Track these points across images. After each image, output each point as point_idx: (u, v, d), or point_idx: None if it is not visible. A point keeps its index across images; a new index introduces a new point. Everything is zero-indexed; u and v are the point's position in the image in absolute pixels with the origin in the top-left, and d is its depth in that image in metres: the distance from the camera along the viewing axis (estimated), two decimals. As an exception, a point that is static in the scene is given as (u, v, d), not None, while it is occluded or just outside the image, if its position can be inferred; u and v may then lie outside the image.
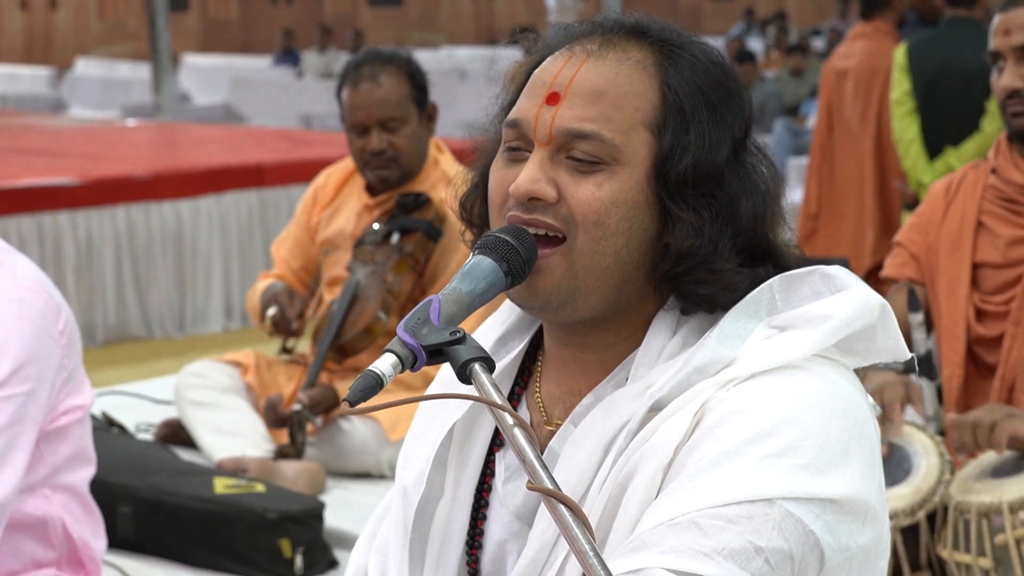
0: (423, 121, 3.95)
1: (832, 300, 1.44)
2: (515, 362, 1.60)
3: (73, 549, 2.49)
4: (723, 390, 1.40)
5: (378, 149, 3.88)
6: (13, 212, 6.70)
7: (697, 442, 1.38)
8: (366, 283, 3.88)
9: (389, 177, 3.93)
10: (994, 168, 3.08)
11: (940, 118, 5.79)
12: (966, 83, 5.64)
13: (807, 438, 1.36)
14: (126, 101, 14.00)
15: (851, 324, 1.43)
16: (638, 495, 1.39)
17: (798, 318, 1.44)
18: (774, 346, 1.42)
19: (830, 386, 1.41)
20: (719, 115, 1.48)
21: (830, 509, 1.36)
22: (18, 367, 2.32)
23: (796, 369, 1.41)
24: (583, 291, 1.46)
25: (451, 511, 1.58)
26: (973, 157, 5.49)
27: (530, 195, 1.45)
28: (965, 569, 2.75)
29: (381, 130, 3.88)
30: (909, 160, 5.85)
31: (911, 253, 3.15)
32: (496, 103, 1.59)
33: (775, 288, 1.46)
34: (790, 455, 1.35)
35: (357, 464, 3.84)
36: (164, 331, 7.14)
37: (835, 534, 1.36)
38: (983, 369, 3.04)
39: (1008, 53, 2.98)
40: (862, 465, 1.40)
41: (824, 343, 1.42)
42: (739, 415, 1.37)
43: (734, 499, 1.33)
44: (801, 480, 1.35)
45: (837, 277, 1.46)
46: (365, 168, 3.94)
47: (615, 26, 1.52)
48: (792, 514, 1.34)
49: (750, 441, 1.36)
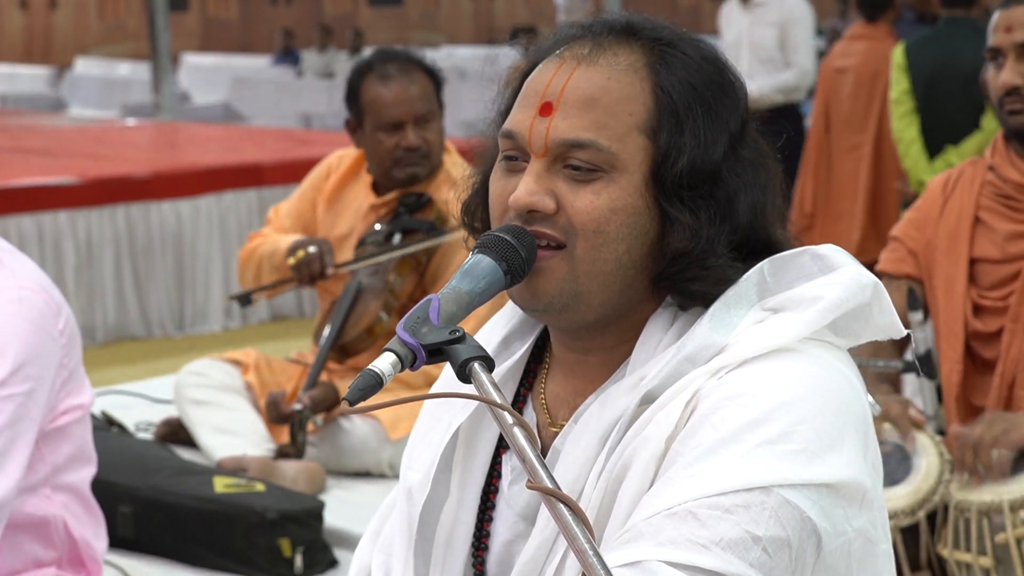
0: (442, 121, 3.97)
1: (823, 280, 1.44)
2: (519, 363, 1.60)
3: (74, 549, 2.49)
4: (715, 378, 1.40)
5: (415, 145, 3.86)
6: (13, 212, 6.70)
7: (692, 429, 1.38)
8: (367, 283, 3.88)
9: (420, 174, 3.90)
10: (991, 166, 3.07)
11: (940, 117, 5.79)
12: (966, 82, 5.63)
13: (802, 423, 1.36)
14: (126, 101, 14.00)
15: (843, 304, 1.43)
16: (633, 487, 1.39)
17: (789, 300, 1.43)
18: (765, 330, 1.42)
19: (823, 369, 1.41)
20: (714, 112, 1.48)
21: (826, 494, 1.36)
22: (18, 367, 2.32)
23: (789, 352, 1.40)
24: (585, 295, 1.46)
25: (457, 513, 1.58)
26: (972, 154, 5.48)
27: (529, 208, 1.45)
28: (965, 568, 2.75)
29: (416, 126, 3.87)
30: (910, 160, 5.85)
31: (908, 248, 3.15)
32: (493, 107, 1.59)
33: (766, 270, 1.46)
34: (785, 441, 1.35)
35: (357, 463, 3.83)
36: (164, 331, 7.14)
37: (831, 519, 1.36)
38: (981, 365, 3.04)
39: (1009, 50, 2.98)
40: (856, 447, 1.40)
41: (816, 325, 1.42)
42: (733, 401, 1.37)
43: (730, 488, 1.33)
44: (797, 466, 1.34)
45: (828, 257, 1.46)
46: (395, 166, 3.89)
47: (604, 28, 1.51)
48: (789, 501, 1.34)
49: (745, 428, 1.35)
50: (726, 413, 1.37)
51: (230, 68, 16.89)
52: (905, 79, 5.85)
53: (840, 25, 15.75)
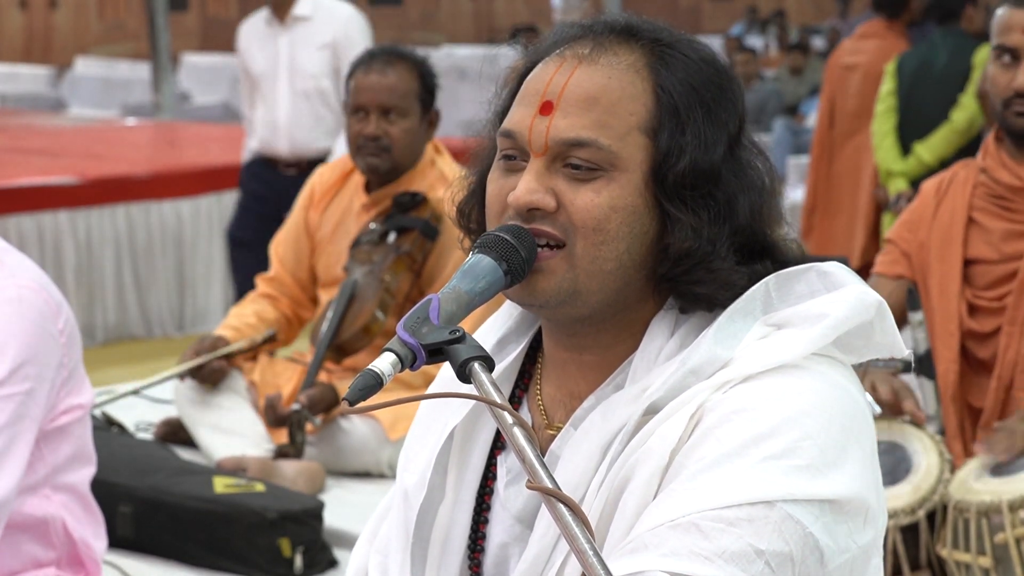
0: (424, 123, 3.96)
1: (828, 298, 1.44)
2: (515, 364, 1.60)
3: (73, 549, 2.49)
4: (719, 392, 1.40)
5: (373, 135, 3.90)
6: (13, 212, 6.70)
7: (697, 442, 1.38)
8: (363, 283, 3.88)
9: (379, 167, 3.93)
10: (983, 168, 3.07)
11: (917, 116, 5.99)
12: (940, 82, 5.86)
13: (806, 439, 1.36)
14: (126, 100, 13.99)
15: (847, 323, 1.43)
16: (635, 498, 1.39)
17: (794, 316, 1.44)
18: (770, 346, 1.42)
19: (828, 385, 1.41)
20: (713, 113, 1.48)
21: (829, 510, 1.36)
22: (18, 366, 2.32)
23: (794, 368, 1.40)
24: (583, 293, 1.46)
25: (453, 514, 1.58)
26: (939, 146, 5.84)
27: (529, 206, 1.45)
28: (965, 568, 2.75)
29: (380, 117, 3.90)
30: (882, 151, 6.04)
31: (902, 250, 3.15)
32: (490, 107, 1.58)
33: (771, 286, 1.46)
34: (790, 456, 1.35)
35: (357, 463, 3.84)
36: (164, 331, 7.14)
37: (834, 535, 1.36)
38: (977, 365, 3.04)
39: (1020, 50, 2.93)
40: (861, 464, 1.40)
41: (820, 342, 1.42)
42: (739, 416, 1.37)
43: (734, 501, 1.33)
44: (801, 482, 1.34)
45: (834, 275, 1.46)
46: (357, 154, 3.95)
47: (605, 28, 1.51)
48: (792, 516, 1.34)
49: (750, 442, 1.35)
50: (731, 427, 1.37)
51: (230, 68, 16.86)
52: (892, 80, 6.05)
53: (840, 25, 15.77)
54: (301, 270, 4.17)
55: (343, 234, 4.07)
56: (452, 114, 8.54)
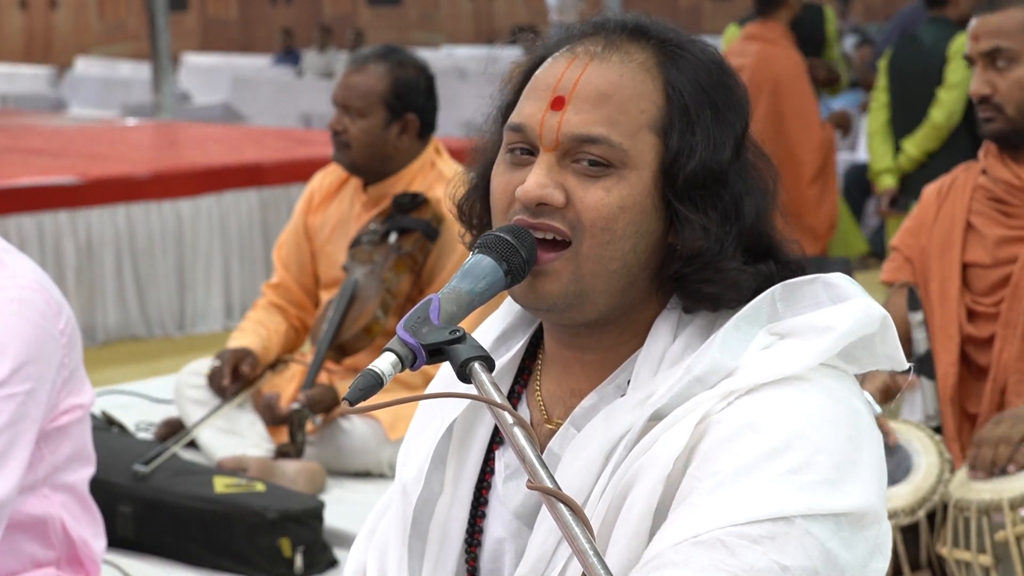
0: (391, 127, 3.97)
1: (834, 310, 1.43)
2: (515, 360, 1.60)
3: (72, 549, 2.49)
4: (724, 402, 1.39)
5: (334, 128, 4.01)
6: (13, 212, 6.69)
7: (708, 455, 1.37)
8: (364, 283, 3.89)
9: (341, 160, 4.05)
10: (984, 169, 3.08)
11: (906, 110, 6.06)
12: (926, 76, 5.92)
13: (820, 453, 1.36)
14: (126, 100, 14.00)
15: (852, 335, 1.42)
16: (638, 505, 1.38)
17: (799, 326, 1.43)
18: (775, 356, 1.41)
19: (834, 398, 1.41)
20: (722, 114, 1.48)
21: (845, 524, 1.35)
22: (18, 366, 2.33)
23: (800, 380, 1.40)
24: (590, 295, 1.46)
25: (450, 509, 1.58)
26: (923, 142, 5.98)
27: (539, 200, 1.44)
28: (965, 567, 2.75)
29: (343, 113, 4.00)
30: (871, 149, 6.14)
31: (905, 256, 3.17)
32: (492, 104, 1.58)
33: (777, 296, 1.45)
34: (807, 471, 1.34)
35: (357, 463, 3.84)
36: (164, 330, 7.14)
37: (851, 549, 1.36)
38: (975, 371, 3.05)
39: (977, 59, 2.99)
40: (872, 474, 1.40)
41: (827, 354, 1.41)
42: (751, 430, 1.36)
43: (756, 517, 1.32)
44: (819, 496, 1.34)
45: (839, 287, 1.46)
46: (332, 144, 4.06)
47: (617, 27, 1.51)
48: (810, 532, 1.33)
49: (765, 457, 1.35)
50: (745, 441, 1.36)
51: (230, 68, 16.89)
52: (884, 77, 6.12)
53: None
54: (304, 275, 4.18)
55: (342, 235, 4.09)
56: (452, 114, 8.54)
